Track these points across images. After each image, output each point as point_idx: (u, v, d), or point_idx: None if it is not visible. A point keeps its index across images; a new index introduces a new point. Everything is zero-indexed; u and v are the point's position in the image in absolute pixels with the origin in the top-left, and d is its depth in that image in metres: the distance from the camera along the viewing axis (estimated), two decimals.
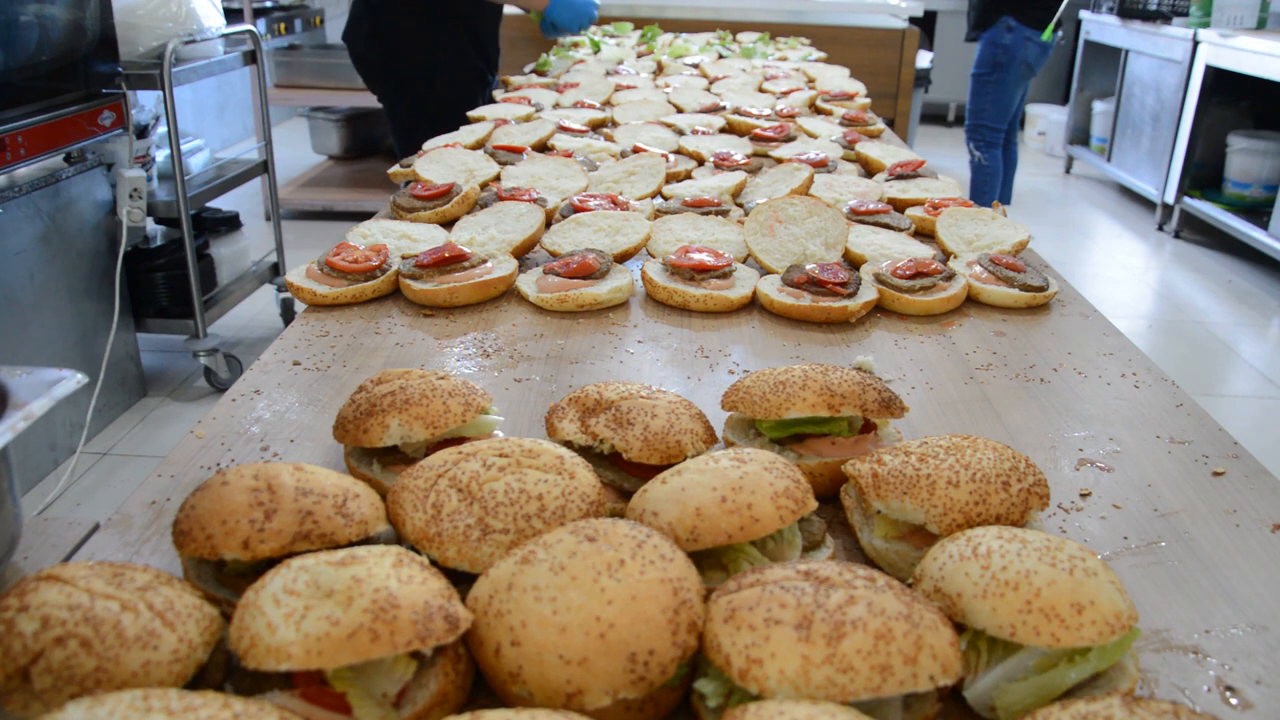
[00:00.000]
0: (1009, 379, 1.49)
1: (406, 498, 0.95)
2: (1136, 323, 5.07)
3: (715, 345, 1.59)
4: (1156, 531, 1.11)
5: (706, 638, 0.79)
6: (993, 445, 1.02)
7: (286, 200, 6.09)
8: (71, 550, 1.04)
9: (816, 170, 2.36)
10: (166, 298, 3.87)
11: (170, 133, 3.61)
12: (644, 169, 2.33)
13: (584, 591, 0.78)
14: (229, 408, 1.35)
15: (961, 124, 6.79)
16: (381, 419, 1.09)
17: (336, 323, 1.64)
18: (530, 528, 0.91)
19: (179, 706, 0.66)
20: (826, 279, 1.68)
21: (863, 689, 0.73)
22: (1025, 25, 5.65)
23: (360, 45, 3.77)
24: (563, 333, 1.62)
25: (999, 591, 0.81)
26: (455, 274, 1.72)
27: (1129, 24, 7.21)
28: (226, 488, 0.90)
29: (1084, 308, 1.76)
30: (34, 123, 3.05)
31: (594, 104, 3.18)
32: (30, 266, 3.19)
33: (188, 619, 0.79)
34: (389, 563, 0.80)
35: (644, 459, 1.07)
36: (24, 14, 3.03)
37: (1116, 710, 0.71)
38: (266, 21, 6.74)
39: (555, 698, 0.76)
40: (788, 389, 1.13)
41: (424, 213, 2.06)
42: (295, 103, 6.62)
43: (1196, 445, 1.31)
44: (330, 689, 0.77)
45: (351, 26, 3.79)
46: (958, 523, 0.95)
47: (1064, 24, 5.90)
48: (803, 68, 4.06)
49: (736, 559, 0.94)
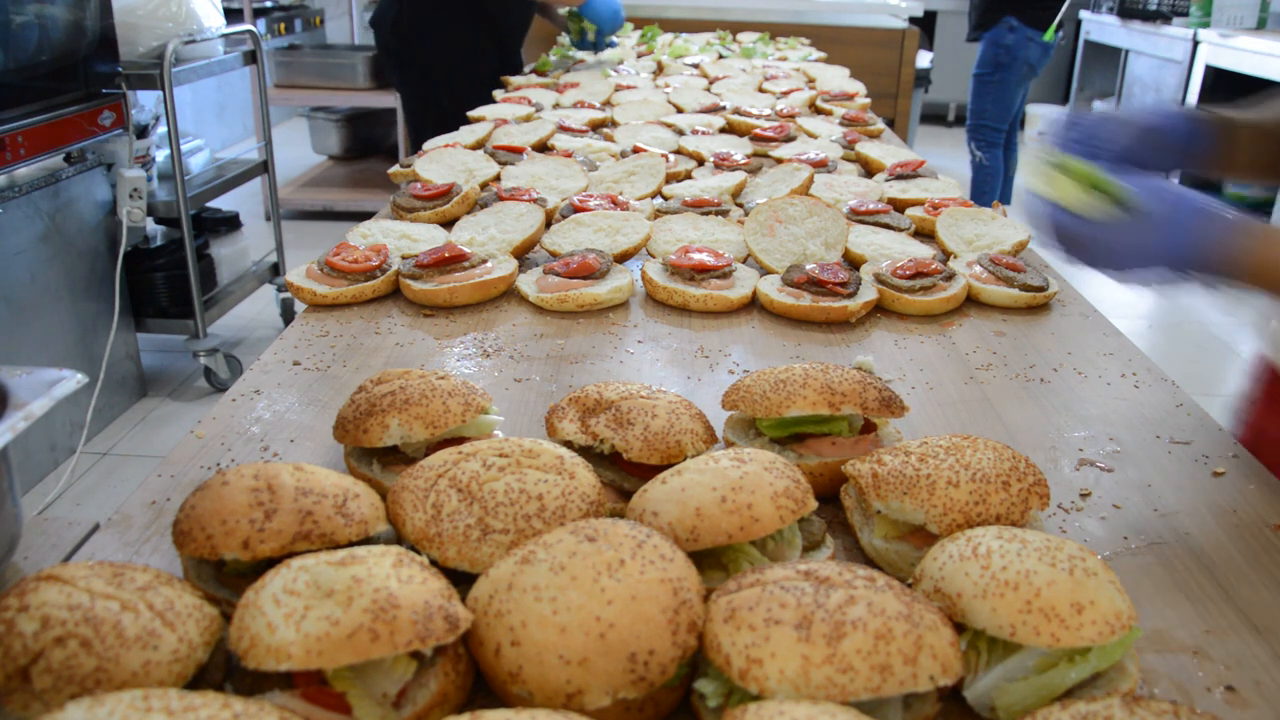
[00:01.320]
0: (1009, 379, 1.49)
1: (406, 498, 0.95)
2: (1136, 323, 5.07)
3: (715, 345, 1.59)
4: (1156, 531, 1.11)
5: (706, 638, 0.79)
6: (993, 445, 1.02)
7: (286, 200, 6.09)
8: (71, 550, 1.04)
9: (816, 170, 2.36)
10: (166, 298, 3.87)
11: (170, 133, 3.61)
12: (644, 169, 2.33)
13: (584, 591, 0.78)
14: (229, 408, 1.35)
15: (962, 124, 6.79)
16: (381, 419, 1.09)
17: (336, 323, 1.64)
18: (530, 528, 0.91)
19: (179, 706, 0.66)
20: (826, 279, 1.68)
21: (863, 689, 0.73)
22: (1027, 25, 5.66)
23: (385, 33, 3.83)
24: (563, 333, 1.62)
25: (999, 591, 0.81)
26: (455, 274, 1.72)
27: (1129, 24, 7.21)
28: (226, 488, 0.90)
29: (1084, 308, 1.76)
30: (34, 123, 3.05)
31: (594, 104, 3.18)
32: (30, 266, 3.19)
33: (188, 619, 0.79)
34: (389, 563, 0.80)
35: (644, 459, 1.07)
36: (24, 14, 3.03)
37: (1116, 710, 0.71)
38: (266, 21, 6.75)
39: (555, 698, 0.76)
40: (788, 387, 1.13)
41: (424, 213, 2.06)
42: (295, 103, 6.63)
43: (1196, 445, 1.31)
44: (330, 689, 0.77)
45: (379, 13, 3.86)
46: (958, 523, 0.95)
47: (1064, 24, 5.90)
48: (803, 68, 4.06)
49: (736, 559, 0.94)
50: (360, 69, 5.98)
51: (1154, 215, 1.07)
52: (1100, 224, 1.09)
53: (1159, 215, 1.07)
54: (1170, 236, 1.06)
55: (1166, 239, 1.06)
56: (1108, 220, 1.08)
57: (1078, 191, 1.08)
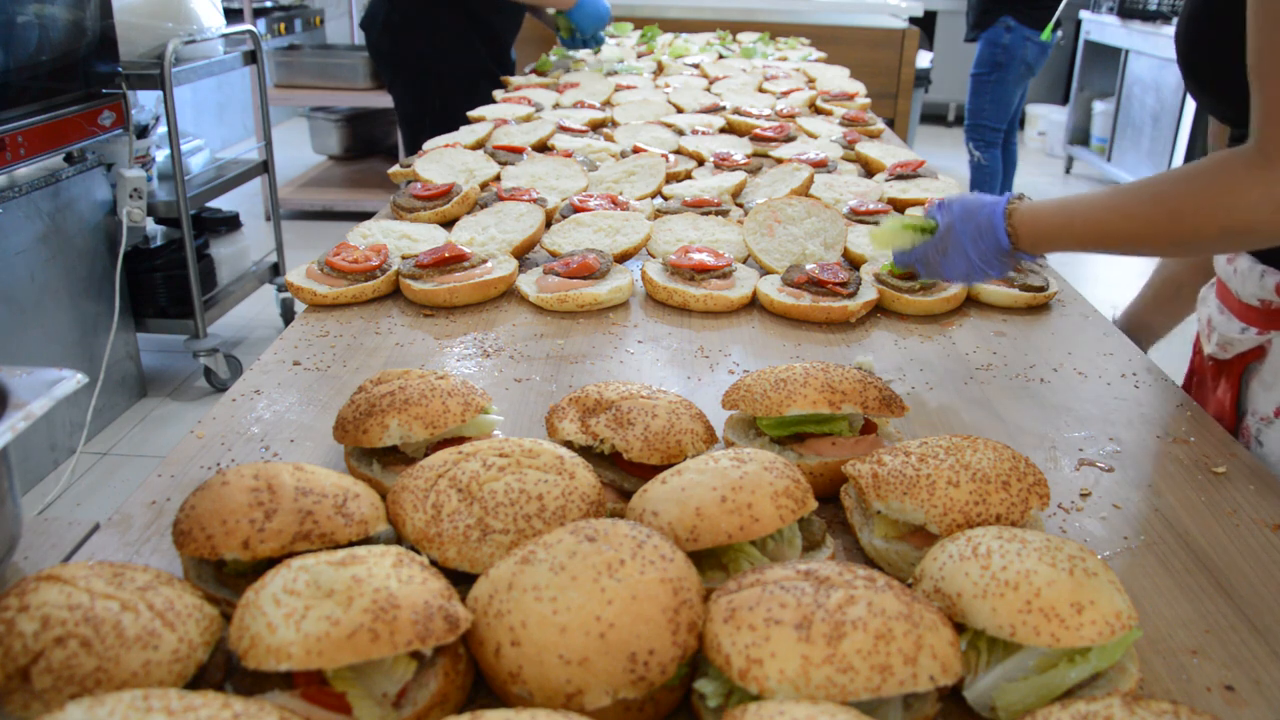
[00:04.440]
0: (1009, 379, 1.49)
1: (406, 498, 0.95)
2: None
3: (715, 345, 1.58)
4: (1157, 532, 1.11)
5: (706, 638, 0.79)
6: (993, 445, 1.02)
7: (286, 200, 6.09)
8: (71, 550, 1.04)
9: (816, 170, 2.36)
10: (166, 298, 3.87)
11: (170, 133, 3.61)
12: (644, 169, 2.33)
13: (584, 591, 0.78)
14: (229, 408, 1.35)
15: (961, 124, 6.79)
16: (381, 419, 1.09)
17: (336, 323, 1.64)
18: (530, 528, 0.91)
19: (179, 706, 0.66)
20: (826, 279, 1.68)
21: (863, 689, 0.73)
22: (1024, 25, 5.65)
23: (375, 33, 3.84)
24: (563, 333, 1.62)
25: (999, 591, 0.81)
26: (455, 274, 1.72)
27: (1129, 24, 7.21)
28: (226, 488, 0.90)
29: (1084, 308, 1.76)
30: (34, 123, 3.05)
31: (594, 104, 3.18)
32: (30, 266, 3.19)
33: (188, 619, 0.79)
34: (389, 563, 0.80)
35: (644, 459, 1.07)
36: (24, 14, 3.03)
37: (1116, 710, 0.71)
38: (266, 21, 6.74)
39: (555, 698, 0.76)
40: (789, 386, 1.13)
41: (424, 213, 2.06)
42: (295, 103, 6.62)
43: (1196, 445, 1.31)
44: (330, 689, 0.77)
45: (370, 13, 3.86)
46: (958, 523, 0.95)
47: (1064, 24, 5.90)
48: (803, 68, 4.06)
49: (736, 559, 0.94)
50: (360, 69, 5.98)
51: (944, 229, 1.44)
52: (922, 249, 1.48)
53: (947, 227, 1.43)
54: (962, 238, 1.40)
55: (960, 241, 1.40)
56: (925, 245, 1.48)
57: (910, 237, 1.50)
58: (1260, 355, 1.39)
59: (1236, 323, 1.41)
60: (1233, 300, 1.42)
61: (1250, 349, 1.40)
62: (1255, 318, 1.38)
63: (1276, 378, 1.36)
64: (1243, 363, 1.43)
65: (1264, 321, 1.37)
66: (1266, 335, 1.37)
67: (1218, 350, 1.46)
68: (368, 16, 3.91)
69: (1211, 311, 1.48)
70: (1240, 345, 1.41)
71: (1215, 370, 1.49)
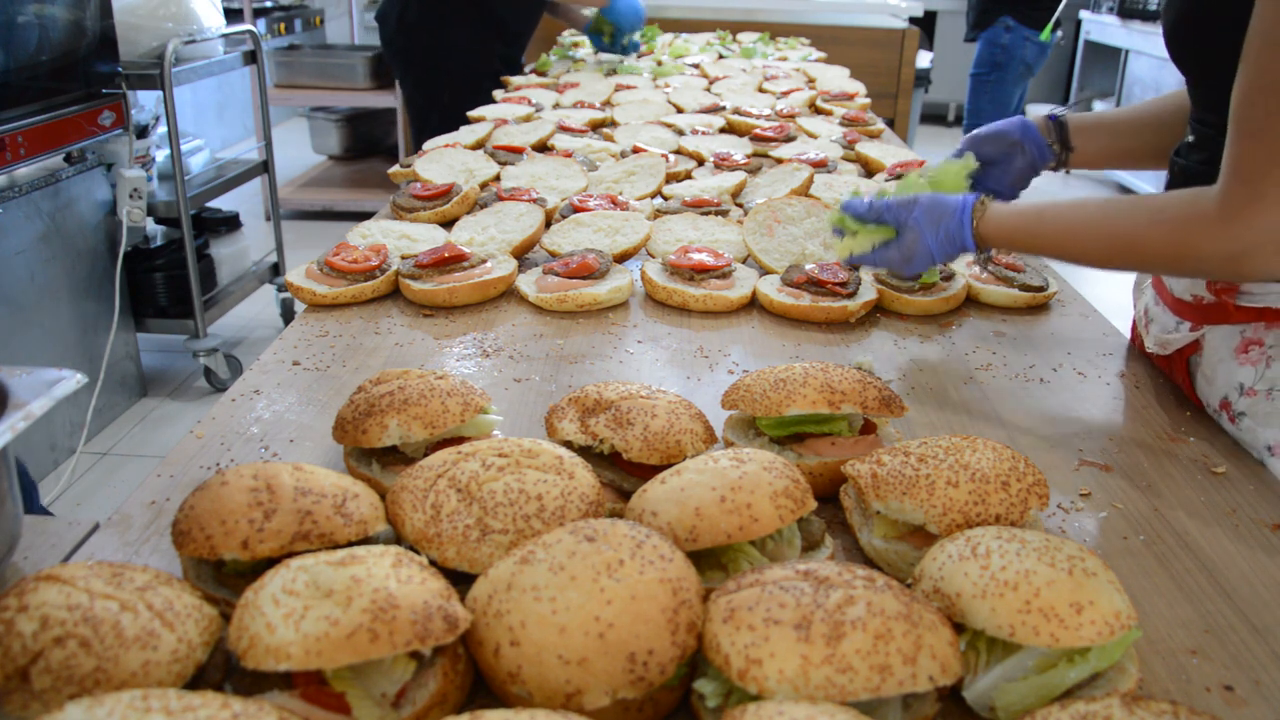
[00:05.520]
0: (1009, 379, 1.49)
1: (406, 498, 0.95)
2: None
3: (715, 345, 1.58)
4: (1156, 531, 1.11)
5: (706, 638, 0.79)
6: (992, 445, 1.02)
7: (286, 200, 6.09)
8: (71, 550, 1.04)
9: (816, 170, 2.36)
10: (166, 298, 3.87)
11: (170, 133, 3.61)
12: (644, 169, 2.33)
13: (583, 591, 0.78)
14: (229, 408, 1.35)
15: (961, 124, 6.79)
16: (380, 419, 1.09)
17: (336, 323, 1.64)
18: (530, 528, 0.91)
19: (178, 706, 0.66)
20: (826, 279, 1.68)
21: (862, 689, 0.73)
22: (1024, 25, 5.65)
23: (390, 27, 3.83)
24: (562, 333, 1.62)
25: (998, 591, 0.81)
26: (455, 274, 1.72)
27: (1129, 24, 7.20)
28: (226, 488, 0.90)
29: (1084, 308, 1.76)
30: (34, 123, 3.05)
31: (594, 104, 3.18)
32: (30, 266, 3.19)
33: (187, 619, 0.79)
34: (388, 563, 0.80)
35: (644, 459, 1.07)
36: (24, 14, 3.03)
37: (1116, 710, 0.71)
38: (266, 21, 6.74)
39: (554, 698, 0.76)
40: (788, 386, 1.13)
41: (424, 213, 2.06)
42: (295, 103, 6.62)
43: (1196, 445, 1.31)
44: (329, 689, 0.77)
45: (384, 9, 3.87)
46: (957, 523, 0.95)
47: (1063, 24, 5.90)
48: (803, 68, 4.06)
49: (736, 559, 0.94)
50: (360, 69, 5.97)
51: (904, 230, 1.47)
52: (883, 249, 1.50)
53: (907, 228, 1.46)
54: (927, 240, 1.44)
55: (925, 244, 1.44)
56: (885, 249, 1.49)
57: (868, 238, 1.51)
58: (1197, 349, 1.42)
59: (1171, 317, 1.45)
60: (1167, 294, 1.47)
61: (1187, 344, 1.43)
62: (1188, 312, 1.41)
63: (1215, 372, 1.37)
64: (1182, 357, 1.45)
65: (1196, 316, 1.40)
66: (1200, 331, 1.40)
67: (1157, 348, 1.48)
68: (382, 10, 3.92)
69: (1149, 302, 1.52)
70: (1177, 342, 1.44)
71: (1164, 363, 1.51)
